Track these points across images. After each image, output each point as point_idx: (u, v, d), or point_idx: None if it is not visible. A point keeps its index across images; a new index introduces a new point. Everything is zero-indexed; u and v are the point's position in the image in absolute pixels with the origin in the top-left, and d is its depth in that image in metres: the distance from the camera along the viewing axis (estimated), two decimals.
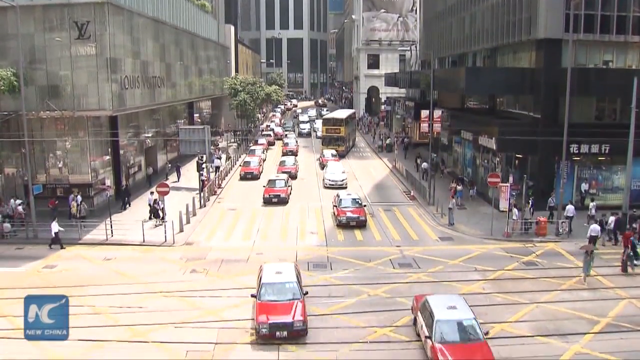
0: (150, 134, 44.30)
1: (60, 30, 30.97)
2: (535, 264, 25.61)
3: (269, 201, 36.60)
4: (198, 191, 37.51)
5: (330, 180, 42.08)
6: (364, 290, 22.27)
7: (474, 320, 16.61)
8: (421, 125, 40.92)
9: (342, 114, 63.30)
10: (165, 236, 28.95)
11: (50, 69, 31.36)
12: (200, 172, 39.70)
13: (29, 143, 30.10)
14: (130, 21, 35.85)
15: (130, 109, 36.36)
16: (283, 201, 36.70)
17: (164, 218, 30.73)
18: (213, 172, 43.26)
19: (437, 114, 38.26)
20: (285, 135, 69.79)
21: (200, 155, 42.52)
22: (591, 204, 30.92)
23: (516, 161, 34.47)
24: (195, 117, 60.64)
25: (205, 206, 36.16)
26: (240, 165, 49.35)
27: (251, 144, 60.76)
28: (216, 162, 46.51)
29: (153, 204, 32.12)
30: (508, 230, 29.44)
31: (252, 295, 19.57)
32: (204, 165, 40.80)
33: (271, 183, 38.21)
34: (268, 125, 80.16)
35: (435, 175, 40.86)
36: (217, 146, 57.76)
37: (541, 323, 19.38)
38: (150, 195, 32.73)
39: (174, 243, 28.54)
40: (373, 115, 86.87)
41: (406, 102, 63.23)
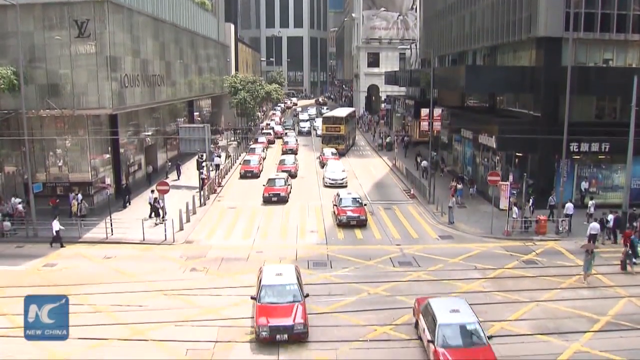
0: (150, 133, 44.27)
1: (60, 29, 30.94)
2: (535, 263, 25.61)
3: (268, 200, 36.57)
4: (198, 189, 37.52)
5: (330, 179, 42.04)
6: (363, 289, 22.28)
7: (478, 324, 16.31)
8: (421, 123, 40.90)
9: (342, 112, 63.27)
10: (165, 234, 28.95)
11: (50, 67, 31.34)
12: (200, 171, 39.71)
13: (29, 141, 30.10)
14: (130, 19, 35.82)
15: (130, 108, 36.35)
16: (283, 200, 36.67)
17: (165, 217, 30.73)
18: (213, 171, 43.27)
19: (437, 112, 38.26)
20: (285, 133, 69.70)
21: (201, 154, 42.53)
22: (590, 202, 30.95)
23: (516, 160, 34.47)
24: (195, 116, 60.59)
25: (205, 205, 36.17)
26: (240, 163, 49.36)
27: (251, 143, 60.73)
28: (216, 161, 46.52)
29: (153, 202, 32.12)
30: (508, 228, 29.44)
31: (252, 298, 19.26)
32: (204, 164, 40.80)
33: (271, 182, 38.17)
34: (268, 123, 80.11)
35: (435, 173, 40.86)
36: (217, 144, 57.75)
37: (541, 321, 19.40)
38: (151, 193, 32.73)
39: (174, 241, 28.55)
40: (373, 114, 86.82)
41: (406, 101, 63.24)
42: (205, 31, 61.11)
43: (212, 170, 43.10)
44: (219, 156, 49.27)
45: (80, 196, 31.57)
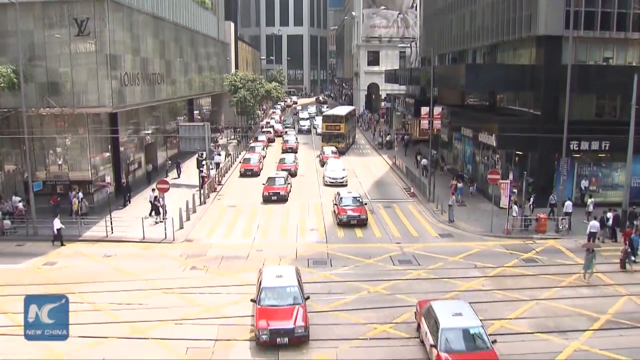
0: (150, 131, 44.27)
1: (60, 27, 30.91)
2: (535, 261, 25.63)
3: (268, 199, 36.50)
4: (198, 188, 37.52)
5: (330, 177, 41.99)
6: (363, 287, 22.29)
7: (481, 328, 15.98)
8: (421, 122, 40.92)
9: (342, 110, 63.19)
10: (165, 233, 28.94)
11: (50, 65, 31.31)
12: (200, 169, 39.70)
13: (29, 140, 30.10)
14: (129, 18, 35.80)
15: (130, 106, 36.33)
16: (282, 199, 36.61)
17: (165, 215, 30.72)
18: (213, 169, 43.26)
19: (437, 110, 38.24)
20: (285, 132, 69.67)
21: (200, 152, 42.53)
22: (589, 201, 30.99)
23: (516, 158, 34.47)
24: (195, 114, 60.60)
25: (205, 203, 36.16)
26: (240, 162, 49.35)
27: (251, 141, 60.71)
28: (216, 159, 46.53)
29: (154, 200, 32.11)
30: (508, 227, 29.44)
31: (252, 300, 18.93)
32: (204, 162, 40.79)
33: (270, 181, 38.11)
34: (268, 122, 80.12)
35: (435, 172, 40.86)
36: (217, 143, 57.72)
37: (541, 320, 19.42)
38: (151, 192, 32.71)
39: (174, 240, 28.54)
40: (373, 112, 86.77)
41: (406, 99, 63.20)
42: (205, 29, 61.08)
43: (212, 168, 43.09)
44: (219, 154, 49.31)
45: (80, 194, 31.56)
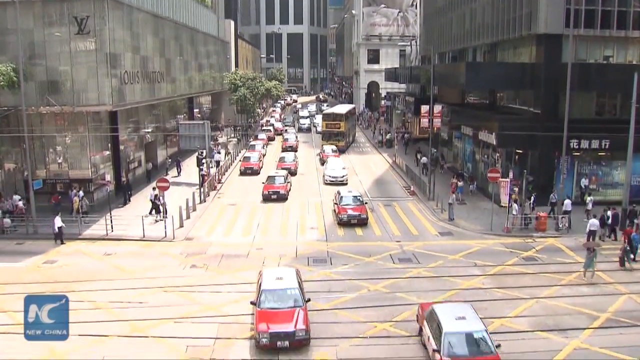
0: (150, 129, 44.27)
1: (60, 26, 30.89)
2: (535, 259, 25.63)
3: (267, 198, 36.43)
4: (198, 186, 37.52)
5: (330, 176, 41.93)
6: (363, 285, 22.30)
7: (485, 332, 15.65)
8: (421, 120, 40.91)
9: (342, 109, 63.17)
10: (165, 231, 28.95)
11: (50, 64, 31.29)
12: (200, 167, 39.70)
13: (29, 138, 30.07)
14: (129, 16, 35.77)
15: (130, 104, 36.31)
16: (282, 198, 36.55)
17: (166, 213, 30.69)
18: (214, 167, 43.25)
19: (437, 109, 38.21)
20: (285, 130, 69.62)
21: (201, 151, 42.53)
22: (588, 199, 30.99)
23: (516, 156, 34.45)
24: (195, 112, 60.58)
25: (205, 201, 36.16)
26: (240, 160, 49.34)
27: (251, 139, 60.65)
28: (216, 157, 46.53)
29: (154, 199, 32.11)
30: (508, 225, 29.44)
31: (252, 303, 18.51)
32: (204, 161, 40.79)
33: (270, 179, 38.01)
34: (268, 120, 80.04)
35: (435, 170, 40.85)
36: (217, 141, 57.70)
37: (541, 318, 19.43)
38: (152, 190, 32.70)
39: (174, 238, 28.55)
40: (373, 111, 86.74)
41: (406, 97, 63.12)
42: (205, 28, 61.06)
43: (213, 167, 43.09)
44: (219, 153, 49.31)
45: (81, 193, 31.57)
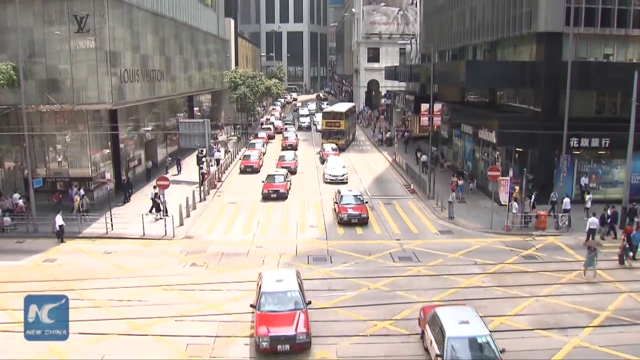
0: (150, 128, 44.26)
1: (60, 24, 30.89)
2: (535, 258, 25.64)
3: (267, 197, 36.35)
4: (198, 185, 37.51)
5: (330, 175, 41.89)
6: (363, 284, 22.31)
7: (489, 337, 15.36)
8: (421, 118, 40.87)
9: (342, 107, 63.13)
10: (165, 230, 28.97)
11: (50, 62, 31.29)
12: (200, 166, 39.66)
13: (29, 137, 30.05)
14: (129, 14, 35.75)
15: (130, 103, 36.32)
16: (282, 196, 36.49)
17: (167, 212, 30.68)
18: (214, 166, 43.22)
19: (437, 107, 38.17)
20: (285, 128, 69.59)
21: (200, 149, 42.50)
22: (587, 197, 30.98)
23: (516, 155, 34.46)
24: (195, 111, 60.55)
25: (205, 200, 36.16)
26: (240, 158, 49.34)
27: (251, 138, 60.66)
28: (217, 155, 46.52)
29: (154, 197, 32.10)
30: (508, 223, 29.45)
31: (252, 306, 18.38)
32: (204, 159, 40.75)
33: (270, 178, 37.92)
34: (268, 118, 80.00)
35: (435, 168, 40.82)
36: (217, 140, 57.69)
37: (541, 316, 19.44)
38: (153, 189, 32.68)
39: (174, 236, 28.56)
40: (373, 109, 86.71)
41: (406, 96, 63.10)
42: (205, 26, 61.02)
43: (213, 165, 43.06)
44: (219, 151, 49.29)
45: (82, 191, 31.58)
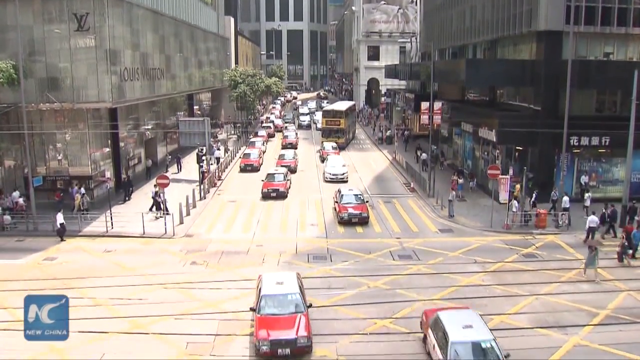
0: (150, 126, 44.24)
1: (60, 22, 30.86)
2: (534, 256, 25.66)
3: (267, 196, 36.28)
4: (198, 183, 37.51)
5: (330, 174, 41.83)
6: (363, 282, 22.33)
7: (493, 342, 15.07)
8: (421, 117, 40.84)
9: (342, 106, 63.13)
10: (165, 228, 28.97)
11: (50, 61, 31.27)
12: (200, 164, 39.68)
13: (29, 135, 30.05)
14: (129, 13, 35.72)
15: (129, 101, 36.30)
16: (282, 195, 36.42)
17: (167, 210, 30.67)
18: (214, 164, 43.20)
19: (437, 105, 38.17)
20: (285, 127, 69.61)
21: (201, 147, 42.52)
22: (586, 195, 31.02)
23: (516, 153, 34.45)
24: (195, 109, 60.54)
25: (205, 198, 36.17)
26: (240, 157, 49.33)
27: (251, 136, 60.66)
28: (217, 154, 46.50)
29: (155, 196, 32.10)
30: (508, 222, 29.46)
31: (251, 309, 18.14)
32: (204, 157, 40.77)
33: (270, 177, 37.83)
34: (268, 117, 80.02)
35: (435, 167, 40.83)
36: (217, 138, 57.67)
37: (541, 315, 19.46)
38: (153, 187, 32.66)
39: (174, 235, 28.57)
40: (373, 107, 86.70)
41: (406, 94, 63.09)
42: (205, 24, 60.97)
43: (213, 163, 43.05)
44: (219, 149, 49.29)
45: (82, 190, 31.58)
